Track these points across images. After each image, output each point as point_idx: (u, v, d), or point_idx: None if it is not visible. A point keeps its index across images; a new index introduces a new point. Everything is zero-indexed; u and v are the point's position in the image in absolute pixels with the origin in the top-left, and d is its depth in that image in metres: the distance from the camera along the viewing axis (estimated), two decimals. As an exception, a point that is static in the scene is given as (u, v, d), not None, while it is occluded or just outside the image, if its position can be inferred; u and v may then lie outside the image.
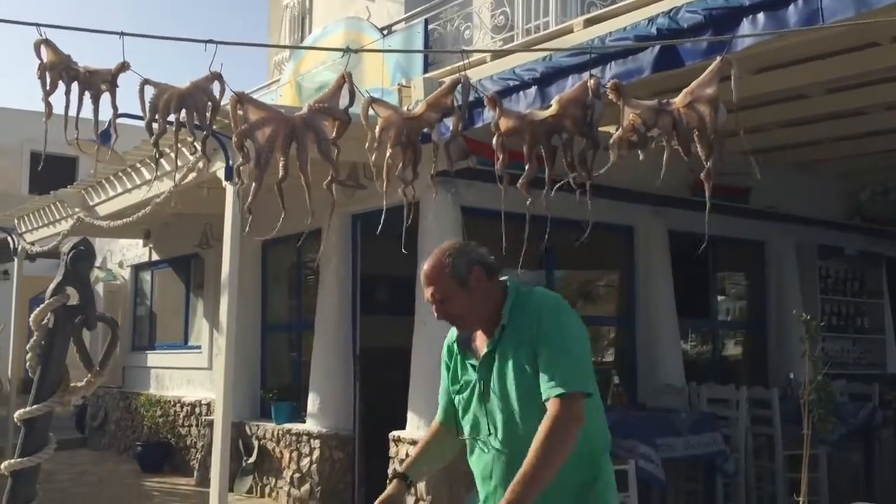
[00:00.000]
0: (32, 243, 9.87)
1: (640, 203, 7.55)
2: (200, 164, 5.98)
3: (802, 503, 4.34)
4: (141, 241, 11.08)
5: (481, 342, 2.44)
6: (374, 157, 2.33)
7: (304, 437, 7.45)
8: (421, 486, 6.16)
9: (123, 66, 2.33)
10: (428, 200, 6.28)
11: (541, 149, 2.27)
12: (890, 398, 8.06)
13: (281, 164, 2.29)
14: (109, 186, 8.00)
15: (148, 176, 7.23)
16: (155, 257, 11.04)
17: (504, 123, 2.27)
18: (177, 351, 10.29)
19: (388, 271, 8.47)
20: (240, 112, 2.41)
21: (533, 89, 5.28)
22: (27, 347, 2.77)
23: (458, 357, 2.49)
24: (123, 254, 11.83)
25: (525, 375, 2.29)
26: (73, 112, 2.63)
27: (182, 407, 9.75)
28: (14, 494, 2.72)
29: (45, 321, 2.76)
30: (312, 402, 7.51)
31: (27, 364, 2.78)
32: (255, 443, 8.09)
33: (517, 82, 5.41)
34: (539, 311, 2.31)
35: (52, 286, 2.79)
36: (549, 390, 2.19)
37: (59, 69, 2.28)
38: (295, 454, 7.52)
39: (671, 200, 7.70)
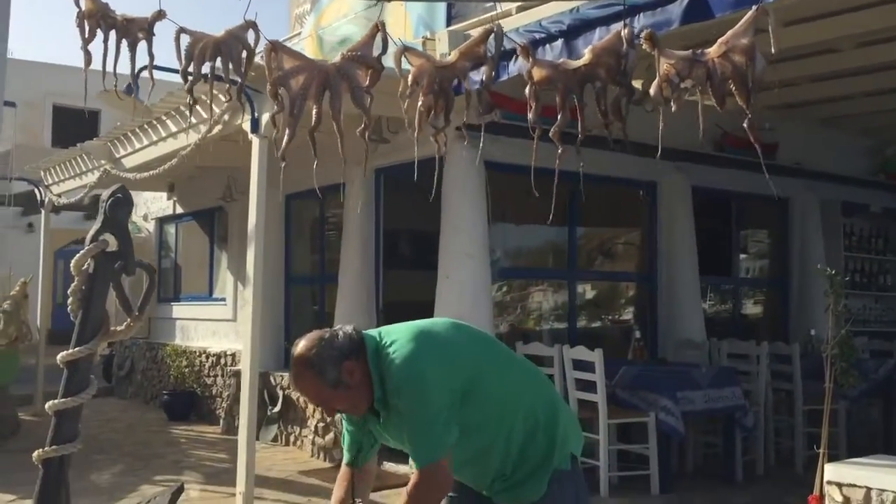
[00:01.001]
0: (59, 195, 9.98)
1: (663, 158, 7.53)
2: (226, 117, 6.01)
3: (823, 454, 4.38)
4: (165, 195, 11.18)
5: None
6: (406, 106, 2.36)
7: (328, 388, 7.58)
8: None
9: (160, 15, 2.36)
10: (452, 154, 6.29)
11: (573, 99, 2.28)
12: (911, 356, 8.05)
13: (314, 112, 2.32)
14: (135, 139, 8.06)
15: (174, 128, 7.29)
16: (179, 210, 11.15)
17: (537, 72, 2.28)
18: (202, 303, 10.43)
19: (410, 226, 8.53)
20: (273, 64, 2.44)
21: (559, 42, 5.24)
22: (69, 292, 2.85)
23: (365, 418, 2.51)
24: (148, 207, 11.94)
25: None
26: (104, 60, 2.67)
27: (207, 357, 9.92)
28: (58, 433, 2.82)
29: (86, 267, 2.84)
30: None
31: (69, 308, 2.86)
32: (280, 393, 8.24)
33: (543, 35, 5.37)
34: (398, 387, 2.32)
35: (91, 233, 2.86)
36: (412, 462, 2.33)
37: (96, 17, 2.31)
38: (319, 404, 7.66)
39: (694, 156, 7.67)
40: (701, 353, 7.37)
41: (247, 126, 5.98)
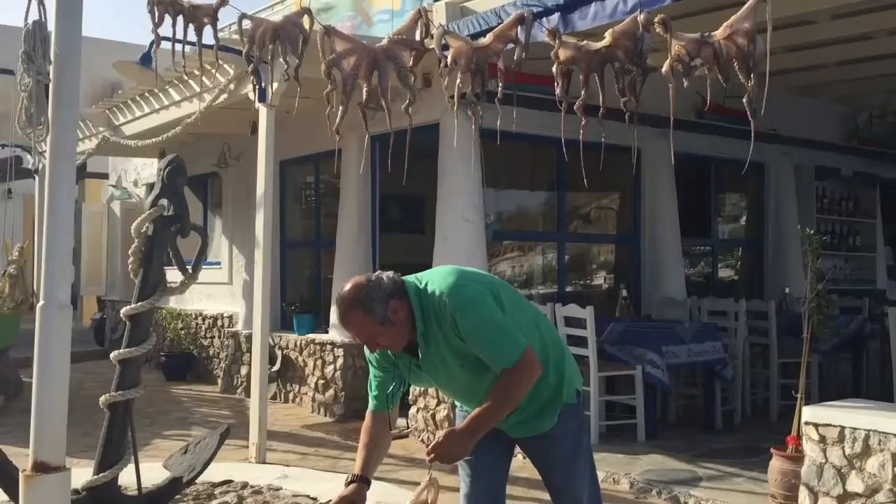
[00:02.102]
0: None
1: (647, 125, 7.84)
2: (232, 86, 6.22)
3: (801, 398, 4.78)
4: (156, 161, 11.30)
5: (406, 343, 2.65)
6: (446, 83, 2.64)
7: (328, 347, 7.89)
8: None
9: (223, 2, 2.60)
10: (448, 122, 6.57)
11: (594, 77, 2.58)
12: (879, 312, 8.50)
13: (364, 90, 2.59)
14: (136, 107, 8.23)
15: (177, 97, 7.48)
16: (170, 176, 11.28)
17: (563, 53, 2.56)
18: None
19: (404, 191, 8.80)
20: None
21: (556, 15, 5.51)
22: (129, 252, 3.13)
23: (399, 359, 2.72)
24: (138, 172, 12.07)
25: (465, 357, 2.60)
26: (156, 42, 2.91)
27: (204, 320, 10.17)
28: (122, 380, 3.12)
29: (145, 230, 3.11)
30: (335, 314, 7.91)
31: (129, 268, 3.14)
32: (279, 352, 8.53)
33: (540, 8, 5.62)
34: (451, 316, 2.53)
35: (150, 199, 3.13)
36: (499, 368, 2.55)
37: (165, 4, 2.56)
38: (319, 362, 7.97)
39: (676, 123, 7.96)
40: (683, 310, 7.77)
41: (253, 95, 6.19)
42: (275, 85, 5.98)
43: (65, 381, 2.61)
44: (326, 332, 8.11)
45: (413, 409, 6.90)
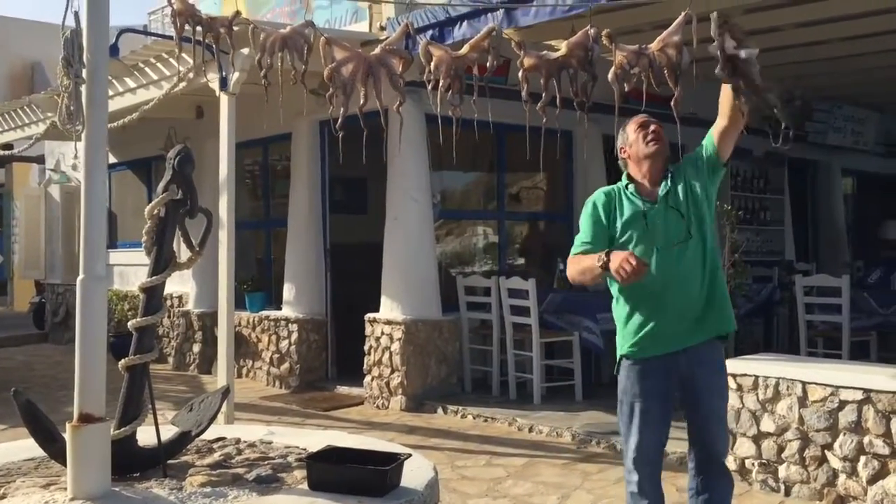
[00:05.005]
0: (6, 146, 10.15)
1: (579, 110, 8.43)
2: (191, 75, 6.53)
3: (720, 353, 5.43)
4: (97, 144, 11.39)
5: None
6: (430, 87, 3.12)
7: (283, 322, 8.29)
8: (396, 357, 7.13)
9: (237, 14, 3.01)
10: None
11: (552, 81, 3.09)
12: (787, 281, 9.34)
13: (362, 94, 3.05)
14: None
15: (132, 84, 7.72)
16: (112, 160, 11.38)
17: (527, 61, 3.07)
18: (140, 249, 10.78)
19: (349, 174, 9.20)
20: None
21: (500, 12, 6.02)
22: (143, 232, 3.53)
23: (626, 202, 3.60)
24: (77, 156, 12.10)
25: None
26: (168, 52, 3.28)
27: (152, 300, 10.39)
28: (139, 345, 3.53)
29: (157, 212, 3.50)
30: (288, 291, 8.32)
31: (143, 246, 3.54)
32: (232, 329, 8.86)
33: (486, 3, 6.13)
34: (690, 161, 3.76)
35: (161, 184, 3.52)
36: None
37: (185, 16, 2.95)
38: (274, 337, 8.36)
39: (606, 108, 8.58)
40: (613, 281, 8.42)
41: (214, 84, 6.52)
42: (235, 75, 6.35)
43: (103, 345, 3.02)
44: (279, 308, 8.50)
45: (368, 378, 7.38)
